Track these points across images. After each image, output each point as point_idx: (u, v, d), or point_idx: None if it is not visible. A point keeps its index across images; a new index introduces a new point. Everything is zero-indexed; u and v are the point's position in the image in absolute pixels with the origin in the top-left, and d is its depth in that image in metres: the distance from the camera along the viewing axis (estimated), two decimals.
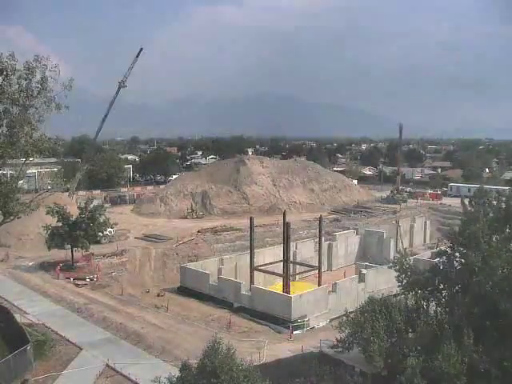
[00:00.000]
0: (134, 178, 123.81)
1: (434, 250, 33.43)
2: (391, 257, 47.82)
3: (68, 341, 27.39)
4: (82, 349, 26.69)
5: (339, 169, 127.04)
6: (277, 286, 39.56)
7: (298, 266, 44.57)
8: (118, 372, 23.94)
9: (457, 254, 22.65)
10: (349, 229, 59.57)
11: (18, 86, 23.78)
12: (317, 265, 41.57)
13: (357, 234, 56.73)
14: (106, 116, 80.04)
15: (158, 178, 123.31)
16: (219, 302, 37.28)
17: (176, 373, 18.14)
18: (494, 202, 24.34)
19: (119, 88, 78.56)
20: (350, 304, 31.67)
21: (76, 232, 43.37)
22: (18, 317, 29.47)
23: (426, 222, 65.52)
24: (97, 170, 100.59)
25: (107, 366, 24.56)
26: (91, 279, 41.66)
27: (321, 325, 33.96)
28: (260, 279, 41.47)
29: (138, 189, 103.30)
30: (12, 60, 23.15)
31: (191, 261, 49.05)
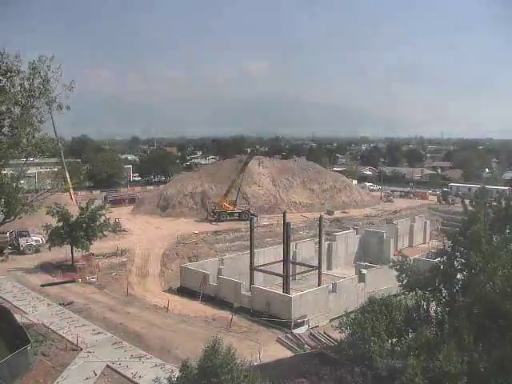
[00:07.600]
0: (133, 178, 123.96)
1: (434, 250, 33.43)
2: (391, 257, 48.08)
3: (68, 341, 27.33)
4: (81, 349, 26.64)
5: (339, 169, 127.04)
6: None
7: (297, 266, 44.58)
8: (118, 372, 23.90)
9: (457, 254, 22.64)
10: (348, 229, 59.57)
11: (20, 86, 23.66)
12: (317, 265, 41.59)
13: (357, 233, 56.75)
14: None
15: (158, 178, 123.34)
16: (219, 302, 37.27)
17: (176, 373, 18.13)
18: (494, 203, 24.37)
19: None
20: (350, 304, 31.70)
21: (76, 232, 43.33)
22: (18, 317, 29.41)
23: (425, 222, 65.48)
24: (97, 169, 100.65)
25: (107, 366, 24.53)
26: (92, 279, 41.63)
27: (321, 325, 33.97)
28: (260, 279, 41.48)
29: (137, 189, 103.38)
30: (17, 61, 23.01)
31: (191, 261, 49.14)
